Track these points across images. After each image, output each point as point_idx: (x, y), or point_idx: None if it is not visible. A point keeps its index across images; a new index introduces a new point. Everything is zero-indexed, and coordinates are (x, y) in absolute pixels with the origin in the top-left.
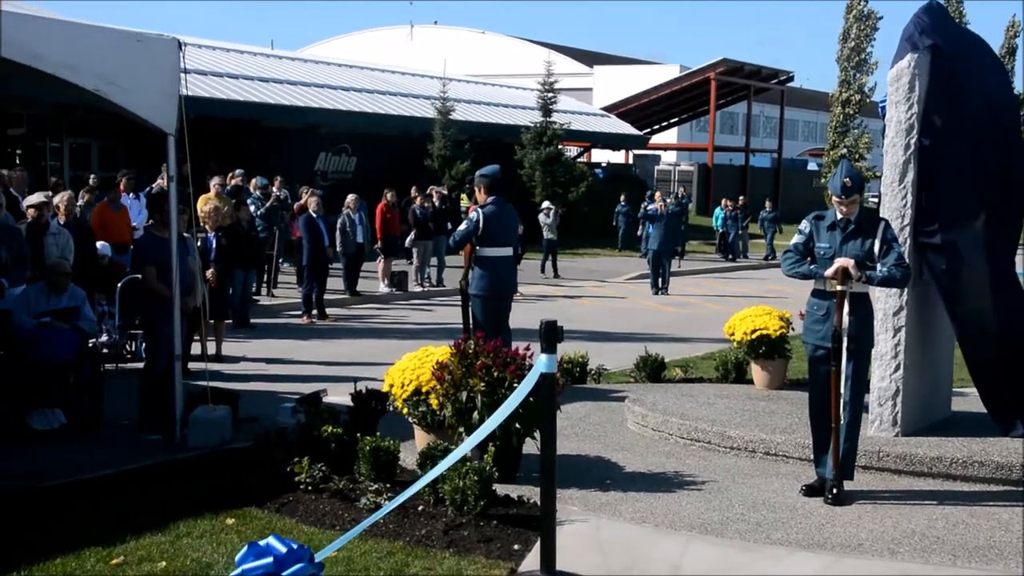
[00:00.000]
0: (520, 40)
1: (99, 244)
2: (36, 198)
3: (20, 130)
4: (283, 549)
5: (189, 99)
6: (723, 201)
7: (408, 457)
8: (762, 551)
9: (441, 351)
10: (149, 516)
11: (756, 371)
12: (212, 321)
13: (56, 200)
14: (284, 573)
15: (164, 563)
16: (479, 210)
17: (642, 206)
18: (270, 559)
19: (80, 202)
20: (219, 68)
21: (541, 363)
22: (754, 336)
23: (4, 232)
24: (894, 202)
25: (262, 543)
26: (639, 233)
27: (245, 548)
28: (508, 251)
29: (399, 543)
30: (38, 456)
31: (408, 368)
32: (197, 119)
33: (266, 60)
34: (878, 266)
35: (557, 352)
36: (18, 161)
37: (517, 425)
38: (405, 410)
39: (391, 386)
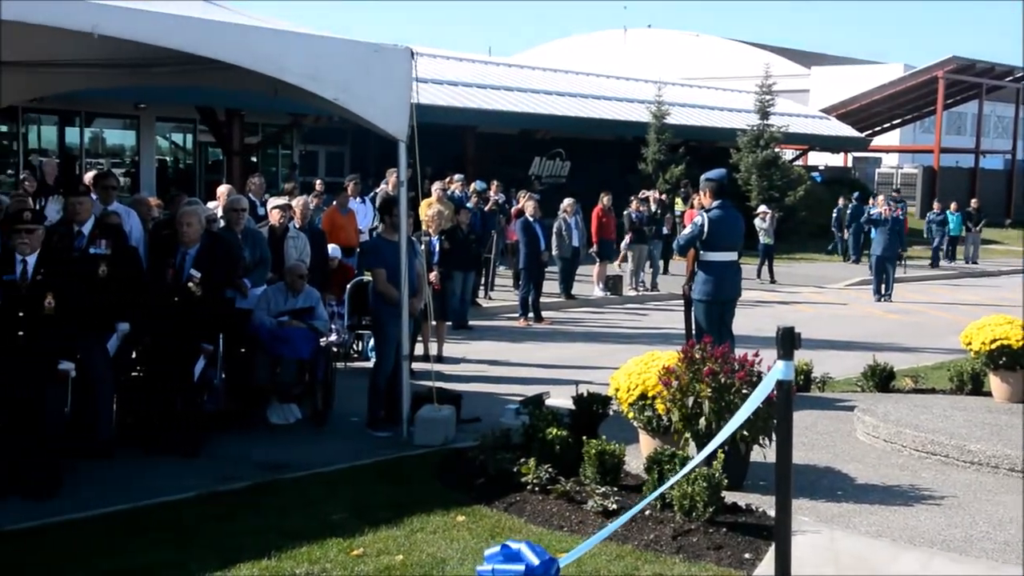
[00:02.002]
0: (735, 42)
1: (329, 247)
2: (279, 202)
3: (256, 139)
4: (536, 560)
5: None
6: (951, 205)
7: (632, 461)
8: (1014, 572)
9: (667, 356)
10: (383, 510)
11: (995, 383)
12: (434, 323)
13: (294, 204)
14: None
15: (401, 556)
16: (704, 214)
17: (865, 210)
18: (521, 567)
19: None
20: (438, 76)
21: (778, 370)
22: (994, 346)
23: (247, 235)
24: None
25: (514, 546)
26: (844, 236)
27: (498, 548)
28: (733, 255)
29: (628, 547)
30: (277, 449)
31: (634, 372)
32: (418, 125)
33: (483, 67)
34: None
35: (794, 359)
36: (258, 169)
37: (745, 432)
38: (630, 414)
39: (616, 390)
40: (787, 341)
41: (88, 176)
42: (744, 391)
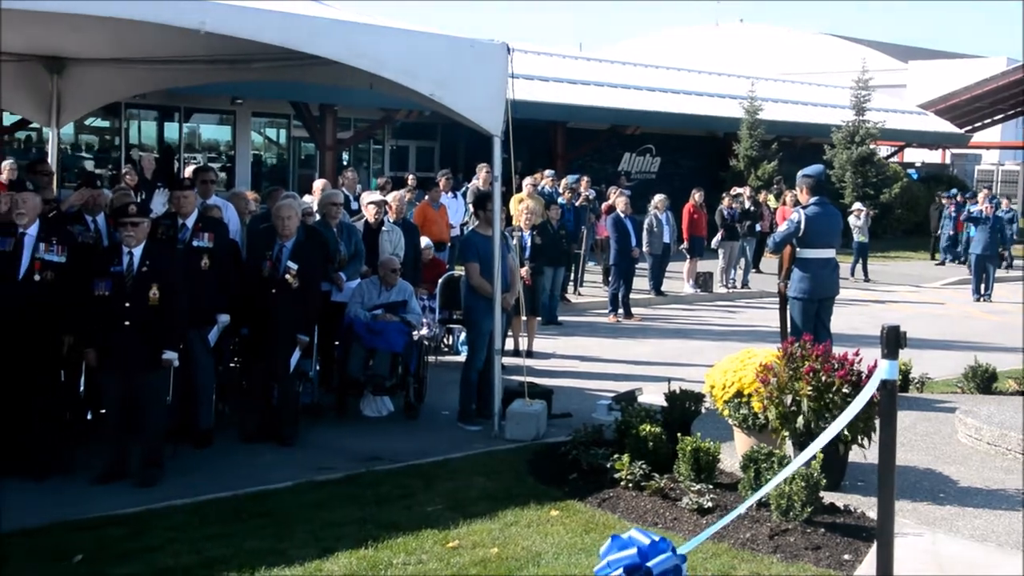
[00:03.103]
0: (829, 36)
1: (422, 240)
2: (375, 196)
3: (349, 134)
4: (646, 541)
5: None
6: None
7: (726, 459)
8: None
9: (764, 353)
10: (477, 503)
11: None
12: (525, 318)
13: (389, 199)
14: (650, 563)
15: (496, 549)
16: (801, 210)
17: (965, 208)
18: (634, 550)
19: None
20: (529, 71)
21: (883, 369)
22: None
23: (342, 229)
24: None
25: (624, 536)
26: (936, 233)
27: (609, 541)
28: (830, 253)
29: (724, 545)
30: (370, 441)
31: (729, 370)
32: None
33: (574, 62)
34: None
35: (899, 358)
36: (346, 163)
37: (845, 432)
38: (725, 412)
39: (711, 387)
40: (892, 340)
41: (188, 170)
42: (844, 390)
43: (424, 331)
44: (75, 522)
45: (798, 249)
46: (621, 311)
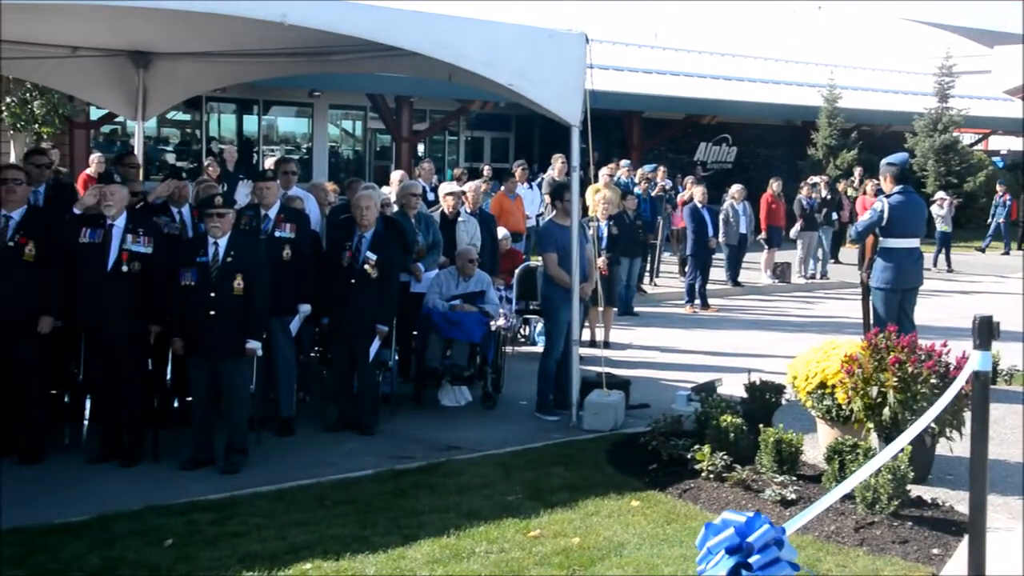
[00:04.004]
0: (910, 21)
1: (499, 230)
2: (452, 187)
3: (424, 125)
4: (741, 519)
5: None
6: None
7: (808, 450)
8: None
9: (848, 344)
10: (557, 493)
11: None
12: (601, 308)
13: (466, 189)
14: (749, 539)
15: (578, 539)
16: (884, 199)
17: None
18: (731, 530)
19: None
20: (604, 61)
21: (975, 360)
22: None
23: (420, 220)
24: None
25: (717, 521)
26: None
27: (703, 530)
28: (914, 242)
29: (808, 537)
30: (449, 431)
31: (813, 360)
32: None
33: (649, 51)
34: None
35: (991, 349)
36: (421, 154)
37: (933, 424)
38: (808, 403)
39: (794, 378)
40: (985, 330)
41: (269, 162)
42: (932, 381)
43: (501, 321)
44: (164, 507)
45: (881, 239)
46: (698, 302)
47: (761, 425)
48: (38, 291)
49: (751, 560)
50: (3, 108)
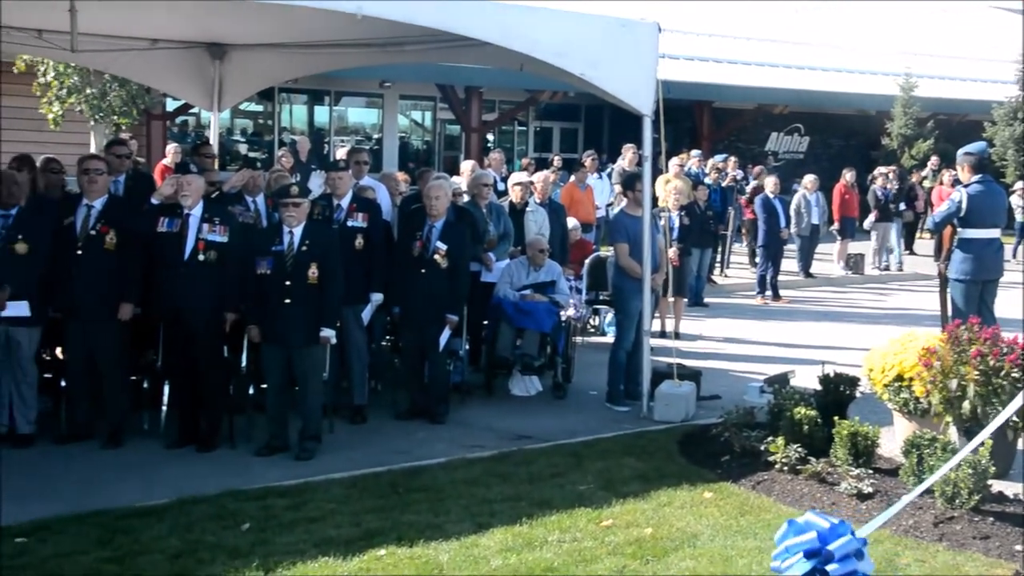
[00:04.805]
0: (991, 6)
1: (568, 220)
2: (522, 177)
3: (493, 115)
4: (825, 524)
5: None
6: None
7: (884, 443)
8: None
9: (926, 336)
10: (629, 483)
11: None
12: (671, 299)
13: (535, 179)
14: (831, 546)
15: (650, 530)
16: (963, 189)
17: None
18: (813, 534)
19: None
20: (675, 51)
21: None
22: None
23: (491, 210)
24: None
25: (801, 520)
26: None
27: (785, 526)
28: (994, 233)
29: (885, 531)
30: (519, 420)
31: (890, 353)
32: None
33: (720, 41)
34: None
35: None
36: (491, 144)
37: (1016, 418)
38: (885, 396)
39: (870, 370)
40: None
41: (342, 152)
42: (1014, 375)
43: (571, 311)
44: (241, 492)
45: (959, 229)
46: (769, 293)
47: (836, 418)
48: (118, 279)
49: (828, 568)
50: (83, 100)
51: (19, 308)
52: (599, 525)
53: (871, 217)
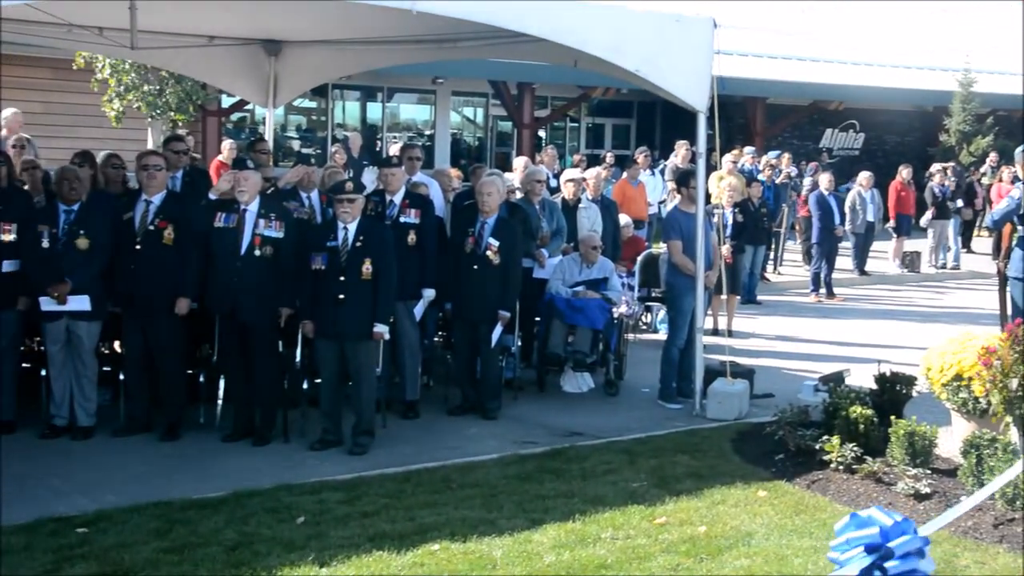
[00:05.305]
0: None
1: (621, 217)
2: (574, 174)
3: (546, 112)
4: (888, 521)
5: None
6: None
7: (942, 443)
8: None
9: (986, 335)
10: (682, 481)
11: None
12: (724, 296)
13: (587, 176)
14: (892, 543)
15: (704, 528)
16: (1023, 186)
17: None
18: (875, 529)
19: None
20: (728, 46)
21: None
22: None
23: (544, 206)
24: None
25: (864, 514)
26: None
27: (847, 519)
28: None
29: (944, 532)
30: (571, 417)
31: (948, 352)
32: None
33: (774, 36)
34: None
35: None
36: (544, 141)
37: None
38: (943, 395)
39: (928, 369)
40: None
41: (395, 148)
42: None
43: (623, 308)
44: (295, 486)
45: (1019, 227)
46: (823, 291)
47: (892, 417)
48: (176, 274)
49: (887, 565)
50: (140, 97)
51: (80, 302)
52: (652, 523)
53: (928, 214)
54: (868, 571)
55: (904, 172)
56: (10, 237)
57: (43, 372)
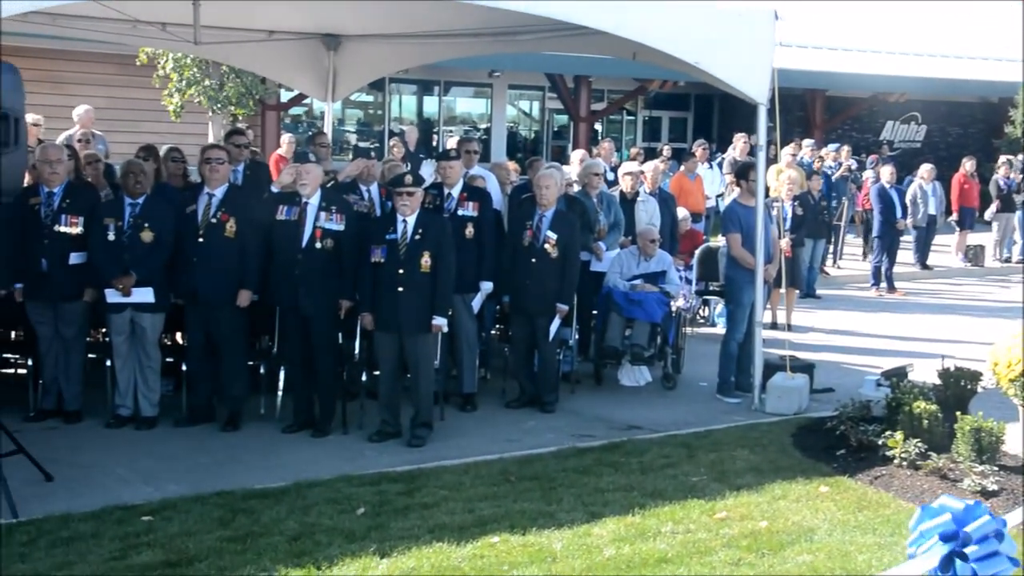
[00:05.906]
0: None
1: (679, 210)
2: (632, 167)
3: (602, 105)
4: (959, 506)
5: None
6: None
7: (1010, 440)
8: None
9: None
10: (742, 475)
11: None
12: (783, 290)
13: (645, 169)
14: (968, 528)
15: (766, 523)
16: None
17: None
18: (947, 516)
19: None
20: (787, 38)
21: None
22: None
23: (602, 199)
24: None
25: (935, 505)
26: None
27: (918, 511)
28: None
29: (1014, 531)
30: (629, 410)
31: (1016, 346)
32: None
33: (833, 29)
34: None
35: None
36: (601, 134)
37: None
38: (1010, 391)
39: (995, 364)
40: None
41: (453, 141)
42: None
43: (681, 302)
44: (355, 477)
45: None
46: (884, 285)
47: (957, 413)
48: (238, 266)
49: (967, 550)
50: (201, 91)
51: (144, 294)
52: (713, 517)
53: (993, 207)
54: (948, 559)
55: (967, 164)
56: (77, 230)
57: (108, 363)
